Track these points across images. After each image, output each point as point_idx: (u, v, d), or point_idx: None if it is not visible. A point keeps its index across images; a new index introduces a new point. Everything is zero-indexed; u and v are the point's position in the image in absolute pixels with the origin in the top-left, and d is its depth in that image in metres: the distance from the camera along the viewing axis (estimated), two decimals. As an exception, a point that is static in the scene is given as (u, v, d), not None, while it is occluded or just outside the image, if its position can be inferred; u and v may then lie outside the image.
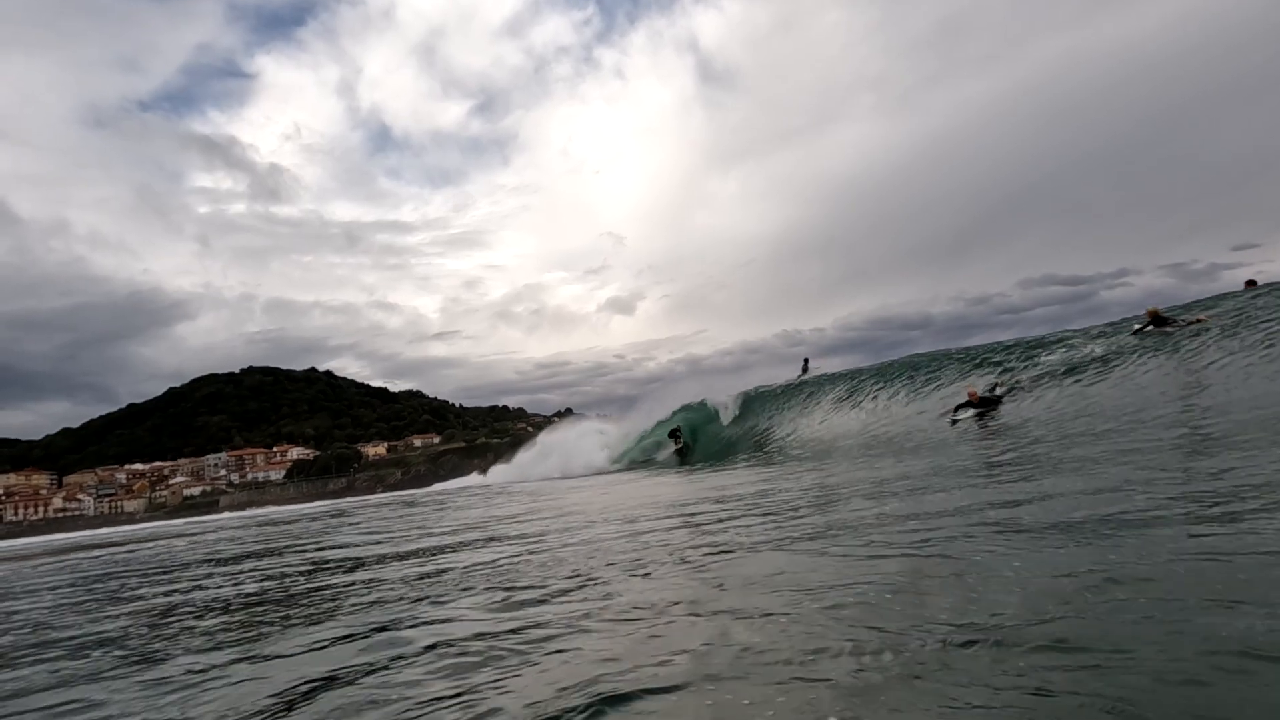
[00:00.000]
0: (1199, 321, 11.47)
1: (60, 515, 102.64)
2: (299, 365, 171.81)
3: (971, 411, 11.51)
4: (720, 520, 5.16)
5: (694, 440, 20.09)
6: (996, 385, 12.64)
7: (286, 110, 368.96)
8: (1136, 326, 12.60)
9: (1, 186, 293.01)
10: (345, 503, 34.39)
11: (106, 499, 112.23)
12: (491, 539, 6.05)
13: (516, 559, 4.52)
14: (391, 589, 3.92)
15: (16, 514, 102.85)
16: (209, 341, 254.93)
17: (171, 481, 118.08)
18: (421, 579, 4.17)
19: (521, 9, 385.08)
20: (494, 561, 4.53)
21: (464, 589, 3.63)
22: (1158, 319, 12.31)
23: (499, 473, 34.69)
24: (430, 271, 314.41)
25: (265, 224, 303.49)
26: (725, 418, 20.51)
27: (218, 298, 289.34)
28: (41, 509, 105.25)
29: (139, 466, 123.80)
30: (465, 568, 4.41)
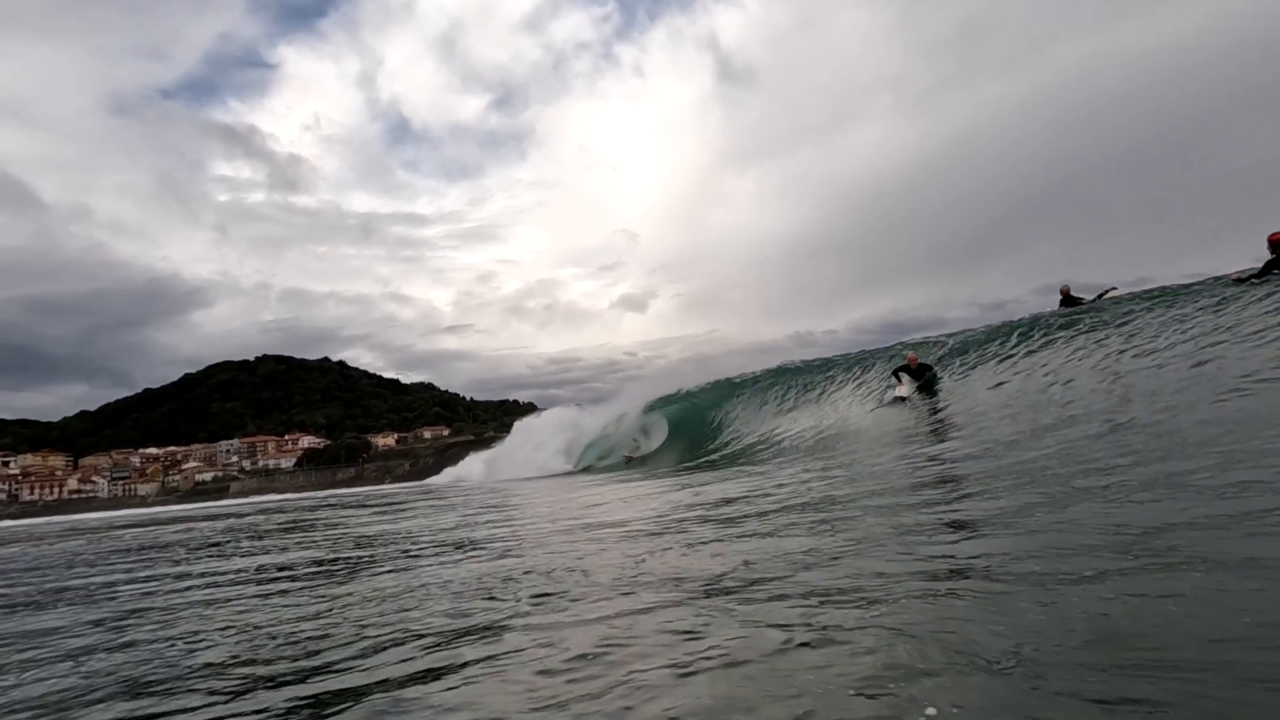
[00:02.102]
0: (1107, 294, 11.61)
1: (74, 497, 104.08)
2: (312, 354, 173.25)
3: (910, 384, 11.62)
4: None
5: (664, 440, 18.86)
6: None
7: (307, 101, 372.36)
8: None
9: (27, 171, 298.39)
10: (341, 493, 34.37)
11: (121, 482, 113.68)
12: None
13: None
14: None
15: (32, 494, 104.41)
16: (225, 329, 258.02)
17: (184, 466, 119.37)
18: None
19: (542, 3, 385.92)
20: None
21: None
22: (1068, 299, 12.47)
23: (462, 470, 33.67)
24: (444, 264, 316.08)
25: (283, 213, 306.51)
26: (646, 446, 19.02)
27: (234, 286, 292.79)
28: (57, 490, 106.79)
29: (153, 450, 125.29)
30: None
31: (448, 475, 35.89)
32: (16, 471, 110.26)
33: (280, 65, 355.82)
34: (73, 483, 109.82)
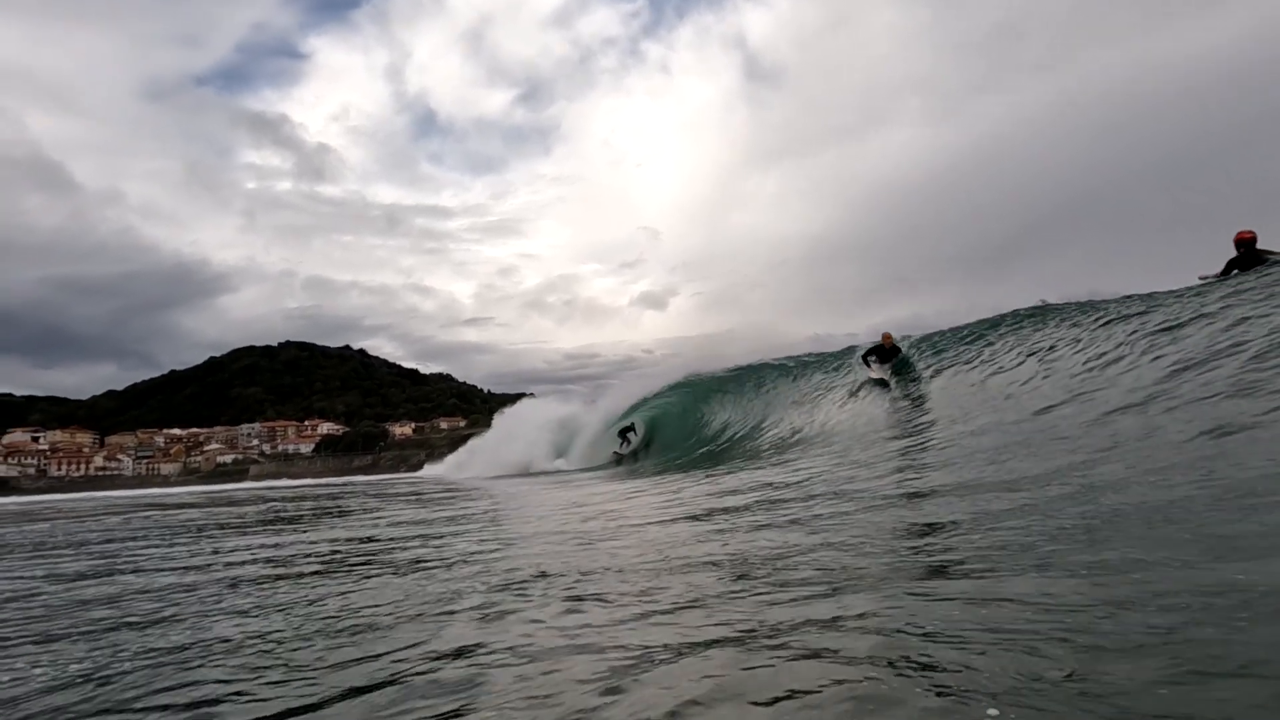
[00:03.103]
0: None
1: (100, 474, 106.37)
2: (334, 342, 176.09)
3: (881, 368, 11.83)
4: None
5: (650, 437, 18.06)
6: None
7: (336, 91, 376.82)
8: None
9: (63, 154, 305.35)
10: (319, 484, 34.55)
11: (145, 461, 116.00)
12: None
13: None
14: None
15: (60, 469, 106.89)
16: (249, 314, 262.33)
17: (206, 448, 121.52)
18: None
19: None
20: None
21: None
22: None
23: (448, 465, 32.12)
24: (467, 257, 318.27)
25: (309, 202, 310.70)
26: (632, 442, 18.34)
27: (260, 272, 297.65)
28: (83, 466, 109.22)
29: (176, 431, 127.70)
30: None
31: (427, 469, 34.85)
32: (46, 447, 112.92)
33: (312, 55, 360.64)
34: (99, 460, 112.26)
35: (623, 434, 18.65)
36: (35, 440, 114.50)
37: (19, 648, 2.53)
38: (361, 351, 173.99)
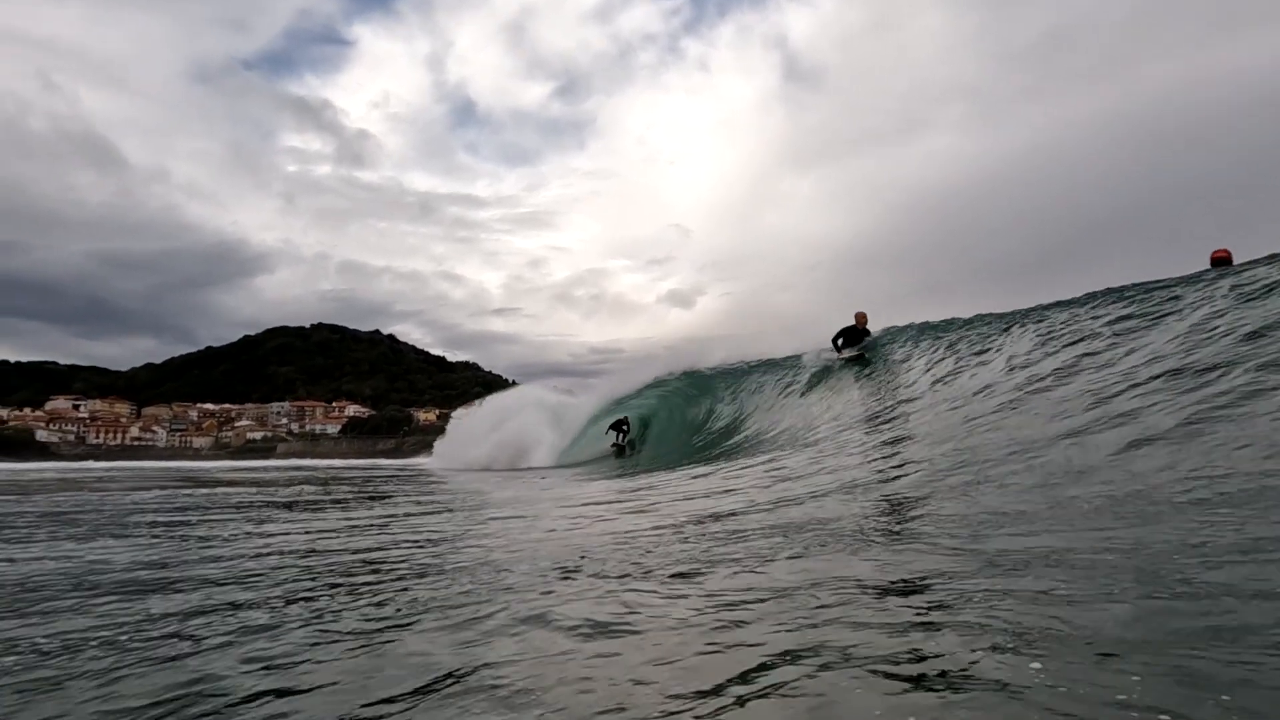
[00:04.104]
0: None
1: (135, 444, 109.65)
2: (364, 326, 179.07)
3: (847, 349, 11.84)
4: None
5: (644, 433, 17.48)
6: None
7: (378, 78, 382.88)
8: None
9: (115, 132, 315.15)
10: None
11: (178, 433, 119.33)
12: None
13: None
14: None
15: (98, 437, 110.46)
16: (284, 295, 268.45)
17: (237, 424, 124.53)
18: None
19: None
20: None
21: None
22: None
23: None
24: (498, 247, 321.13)
25: (347, 187, 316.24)
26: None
27: (296, 254, 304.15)
28: (120, 435, 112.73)
29: (209, 406, 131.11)
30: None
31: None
32: (86, 415, 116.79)
33: (356, 43, 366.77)
34: (135, 430, 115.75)
35: (615, 428, 18.27)
36: (76, 408, 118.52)
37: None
38: (391, 337, 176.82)
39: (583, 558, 3.28)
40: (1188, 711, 1.18)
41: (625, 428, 18.03)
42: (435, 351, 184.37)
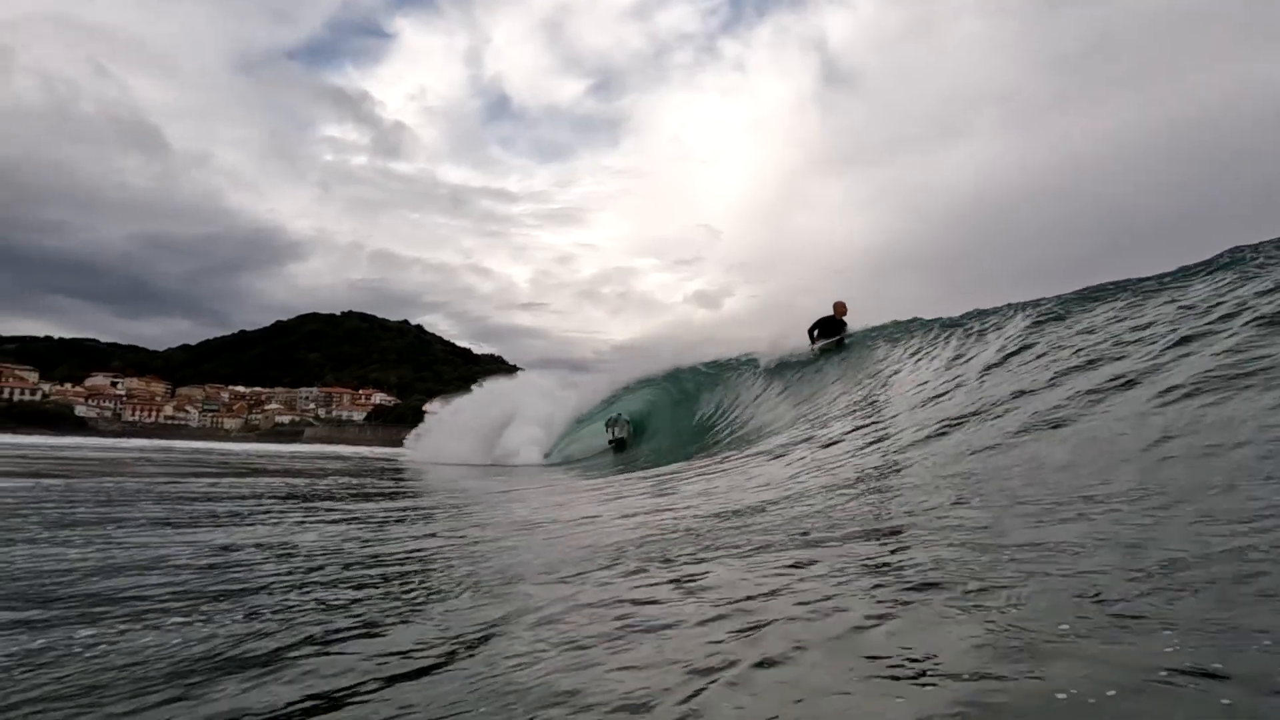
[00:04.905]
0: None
1: (168, 423, 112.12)
2: (393, 316, 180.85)
3: (822, 340, 11.54)
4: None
5: (640, 429, 16.72)
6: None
7: (415, 72, 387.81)
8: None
9: (159, 117, 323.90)
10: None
11: (210, 414, 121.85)
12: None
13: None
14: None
15: (133, 415, 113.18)
16: (316, 282, 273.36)
17: (267, 407, 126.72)
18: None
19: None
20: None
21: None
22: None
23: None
24: (527, 242, 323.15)
25: (381, 178, 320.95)
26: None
27: (329, 242, 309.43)
28: (154, 414, 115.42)
29: (241, 389, 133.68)
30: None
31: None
32: (123, 393, 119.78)
33: (396, 36, 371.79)
34: (169, 409, 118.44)
35: (610, 425, 17.73)
36: (114, 385, 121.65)
37: None
38: (419, 327, 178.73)
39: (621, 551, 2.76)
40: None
41: (625, 422, 17.55)
42: (461, 343, 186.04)
